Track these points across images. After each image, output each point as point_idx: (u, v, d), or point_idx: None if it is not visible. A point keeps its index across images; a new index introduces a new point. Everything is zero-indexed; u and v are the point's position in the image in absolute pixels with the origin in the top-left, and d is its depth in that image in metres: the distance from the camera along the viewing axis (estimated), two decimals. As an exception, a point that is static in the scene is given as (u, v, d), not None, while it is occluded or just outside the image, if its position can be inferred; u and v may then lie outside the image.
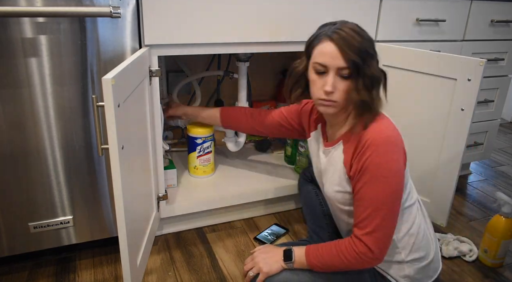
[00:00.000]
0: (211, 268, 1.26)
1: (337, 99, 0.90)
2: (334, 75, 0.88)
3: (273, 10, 1.23)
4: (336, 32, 0.87)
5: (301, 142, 1.56)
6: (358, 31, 0.88)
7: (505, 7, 1.65)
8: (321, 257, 0.95)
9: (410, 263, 0.99)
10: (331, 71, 0.88)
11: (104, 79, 0.78)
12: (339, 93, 0.90)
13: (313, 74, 0.92)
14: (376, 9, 1.38)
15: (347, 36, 0.86)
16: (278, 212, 1.59)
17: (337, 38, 0.87)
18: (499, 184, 1.91)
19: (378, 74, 0.90)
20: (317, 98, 0.93)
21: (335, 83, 0.89)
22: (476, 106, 1.11)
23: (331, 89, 0.88)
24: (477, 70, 1.08)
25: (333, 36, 0.87)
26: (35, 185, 1.11)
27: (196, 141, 1.49)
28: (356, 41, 0.86)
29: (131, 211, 0.95)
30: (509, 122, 2.87)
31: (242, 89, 1.53)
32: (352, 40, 0.86)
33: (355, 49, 0.86)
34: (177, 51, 1.17)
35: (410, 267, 0.98)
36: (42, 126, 1.06)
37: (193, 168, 1.54)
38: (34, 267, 1.24)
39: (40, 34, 0.99)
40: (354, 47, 0.86)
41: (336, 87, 0.89)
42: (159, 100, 1.21)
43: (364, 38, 0.88)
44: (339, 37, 0.87)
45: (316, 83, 0.92)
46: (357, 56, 0.86)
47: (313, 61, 0.92)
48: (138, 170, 1.04)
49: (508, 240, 1.28)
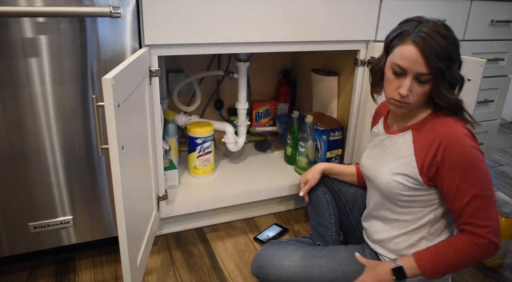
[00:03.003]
0: (211, 268, 1.26)
1: (411, 102, 0.89)
2: (411, 78, 0.87)
3: (273, 10, 1.23)
4: (420, 35, 0.84)
5: (301, 142, 1.56)
6: (443, 33, 0.84)
7: (505, 7, 1.65)
8: (439, 261, 0.89)
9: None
10: (409, 75, 0.87)
11: (104, 79, 0.78)
12: (413, 96, 0.89)
13: (390, 73, 0.91)
14: (376, 9, 1.38)
15: (432, 41, 0.83)
16: (278, 212, 1.59)
17: (420, 42, 0.83)
18: (499, 184, 1.91)
19: (457, 80, 0.89)
20: (390, 98, 0.92)
21: (411, 87, 0.87)
22: (476, 106, 1.11)
23: (406, 92, 0.87)
24: (477, 70, 1.08)
25: (416, 39, 0.84)
26: (35, 185, 1.11)
27: (196, 141, 1.49)
28: (440, 46, 0.83)
29: (131, 211, 0.95)
30: (509, 122, 2.87)
31: (242, 89, 1.53)
32: (436, 45, 0.83)
33: (438, 55, 0.83)
34: (177, 51, 1.17)
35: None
36: (42, 126, 1.07)
37: (193, 168, 1.54)
38: (34, 267, 1.24)
39: (40, 34, 0.99)
40: (437, 53, 0.83)
41: (411, 90, 0.88)
42: (159, 100, 1.21)
43: (449, 42, 0.84)
44: (422, 41, 0.83)
45: (392, 83, 0.90)
46: (440, 62, 0.83)
47: (392, 60, 0.89)
48: (138, 170, 1.04)
49: (508, 240, 1.28)
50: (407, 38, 0.86)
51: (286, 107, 1.98)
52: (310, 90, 1.82)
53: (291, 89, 1.96)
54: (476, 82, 1.09)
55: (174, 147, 1.55)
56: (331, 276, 1.02)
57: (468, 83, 1.11)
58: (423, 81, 0.87)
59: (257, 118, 1.94)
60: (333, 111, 1.67)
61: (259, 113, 1.93)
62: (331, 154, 1.60)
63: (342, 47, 1.38)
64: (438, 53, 0.83)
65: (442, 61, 0.83)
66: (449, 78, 0.86)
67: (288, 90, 1.96)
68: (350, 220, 1.24)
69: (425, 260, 0.90)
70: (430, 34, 0.83)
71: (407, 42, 0.86)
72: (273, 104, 1.96)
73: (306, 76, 1.87)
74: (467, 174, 0.85)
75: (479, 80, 1.08)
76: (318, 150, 1.61)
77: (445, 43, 0.83)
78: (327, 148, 1.58)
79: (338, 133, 1.57)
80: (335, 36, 1.34)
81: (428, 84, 0.87)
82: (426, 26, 0.85)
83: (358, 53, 1.43)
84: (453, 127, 0.88)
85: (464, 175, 0.85)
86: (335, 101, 1.65)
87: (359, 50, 1.42)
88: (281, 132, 1.88)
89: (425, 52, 0.83)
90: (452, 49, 0.85)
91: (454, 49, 0.85)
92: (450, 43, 0.84)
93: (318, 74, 1.69)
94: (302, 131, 1.56)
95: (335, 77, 1.61)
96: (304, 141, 1.55)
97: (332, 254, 1.06)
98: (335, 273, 1.02)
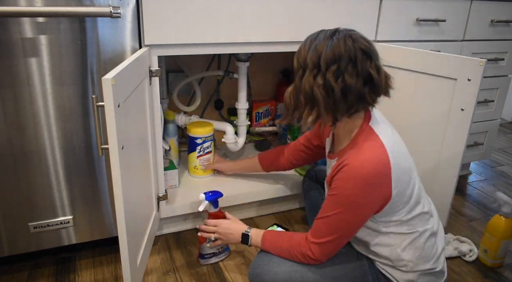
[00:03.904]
0: (211, 268, 1.26)
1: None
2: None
3: (273, 10, 1.23)
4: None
5: (301, 142, 1.56)
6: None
7: (505, 7, 1.65)
8: (274, 247, 1.01)
9: (415, 272, 0.98)
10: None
11: (104, 79, 0.78)
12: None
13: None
14: (376, 9, 1.38)
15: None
16: (278, 212, 1.59)
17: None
18: (499, 184, 1.91)
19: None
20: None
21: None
22: (476, 106, 1.11)
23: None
24: (477, 70, 1.08)
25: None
26: (35, 185, 1.11)
27: (196, 141, 1.49)
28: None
29: (131, 211, 0.95)
30: (509, 122, 2.87)
31: (242, 89, 1.53)
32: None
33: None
34: (177, 51, 1.17)
35: (415, 274, 0.98)
36: (42, 126, 1.07)
37: (193, 168, 1.54)
38: (34, 267, 1.24)
39: (40, 34, 0.99)
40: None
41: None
42: (159, 100, 1.21)
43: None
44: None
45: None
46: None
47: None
48: (138, 170, 1.04)
49: (508, 240, 1.28)
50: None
51: (286, 107, 1.97)
52: (310, 90, 1.81)
53: (291, 89, 1.96)
54: (476, 82, 1.09)
55: (174, 147, 1.55)
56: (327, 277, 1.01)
57: (468, 83, 1.11)
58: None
59: (257, 118, 1.94)
60: (333, 111, 1.67)
61: (259, 113, 1.93)
62: (331, 154, 1.59)
63: (342, 47, 1.38)
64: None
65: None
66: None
67: (288, 90, 1.95)
68: None
69: (268, 242, 1.03)
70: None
71: None
72: (273, 104, 1.96)
73: (306, 76, 1.87)
74: (335, 203, 0.92)
75: (479, 80, 1.08)
76: (318, 150, 1.61)
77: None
78: (327, 148, 1.58)
79: (338, 133, 1.57)
80: (335, 36, 1.34)
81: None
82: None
83: (358, 53, 1.43)
84: (356, 158, 0.91)
85: (333, 201, 0.92)
86: (335, 101, 1.65)
87: (359, 50, 1.42)
88: (281, 132, 1.88)
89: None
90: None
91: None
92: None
93: (318, 74, 1.68)
94: (302, 131, 1.56)
95: (335, 77, 1.61)
96: (304, 141, 1.55)
97: None
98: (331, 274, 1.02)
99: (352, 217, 0.90)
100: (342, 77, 0.84)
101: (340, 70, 0.84)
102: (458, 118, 1.16)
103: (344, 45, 0.84)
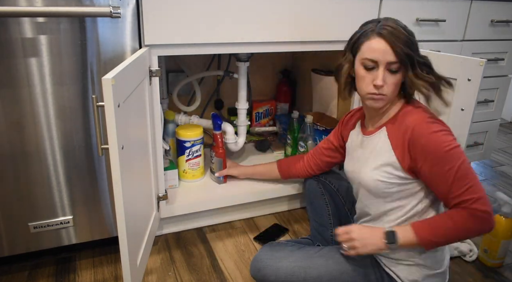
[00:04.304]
0: (211, 268, 1.26)
1: (387, 93, 0.93)
2: (383, 69, 0.92)
3: (273, 10, 1.23)
4: (384, 28, 0.90)
5: (301, 142, 1.56)
6: (402, 25, 0.93)
7: (505, 7, 1.65)
8: (436, 231, 0.91)
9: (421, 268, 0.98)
10: (381, 66, 0.92)
11: (104, 79, 0.78)
12: (388, 87, 0.93)
13: (361, 70, 0.95)
14: (376, 9, 1.37)
15: (395, 31, 0.90)
16: (278, 212, 1.59)
17: (386, 33, 0.90)
18: (499, 184, 1.91)
19: (427, 60, 0.95)
20: (367, 93, 0.95)
21: (385, 78, 0.92)
22: (476, 106, 1.11)
23: (381, 83, 0.91)
24: (477, 70, 1.08)
25: (382, 32, 0.90)
26: (35, 185, 1.11)
27: (184, 145, 1.48)
28: (403, 34, 0.90)
29: (131, 211, 0.95)
30: (509, 122, 2.87)
31: (242, 89, 1.53)
32: (400, 33, 0.90)
33: (403, 42, 0.90)
34: (177, 51, 1.17)
35: (420, 272, 0.98)
36: (42, 126, 1.07)
37: (182, 172, 1.52)
38: (34, 267, 1.24)
39: (40, 34, 0.99)
40: (402, 40, 0.90)
41: (385, 81, 0.92)
42: (159, 100, 1.21)
43: (408, 32, 0.92)
44: (388, 32, 0.90)
45: (365, 79, 0.95)
46: (405, 48, 0.90)
47: (361, 57, 0.94)
48: (138, 170, 1.04)
49: (508, 240, 1.28)
50: (372, 33, 0.92)
51: (286, 107, 1.98)
52: (310, 90, 1.82)
53: (291, 89, 1.97)
54: (476, 82, 1.08)
55: (174, 147, 1.55)
56: (329, 275, 1.02)
57: (468, 83, 1.11)
58: (394, 70, 0.92)
59: (257, 118, 1.94)
60: (333, 111, 1.67)
61: (259, 113, 1.93)
62: (331, 154, 1.59)
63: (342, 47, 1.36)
64: (402, 40, 0.90)
65: (408, 46, 0.90)
66: (421, 61, 0.93)
67: (288, 90, 1.96)
68: (350, 220, 1.24)
69: (423, 228, 0.91)
70: (392, 26, 0.91)
71: (373, 36, 0.92)
72: (273, 104, 1.96)
73: (306, 76, 1.87)
74: (440, 158, 0.89)
75: (479, 80, 1.08)
76: (318, 150, 1.61)
77: (406, 32, 0.92)
78: (327, 148, 1.58)
79: (338, 133, 1.57)
80: (335, 36, 1.34)
81: (399, 73, 0.93)
82: (386, 21, 0.93)
83: (358, 53, 1.43)
84: (414, 117, 0.93)
85: (437, 160, 0.89)
86: (335, 101, 1.65)
87: (359, 50, 1.42)
88: (281, 132, 1.88)
89: (391, 41, 0.90)
90: (413, 38, 0.93)
91: (414, 38, 0.94)
92: (409, 33, 0.93)
93: (318, 74, 1.69)
94: (302, 131, 1.56)
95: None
96: (304, 141, 1.55)
97: (329, 254, 1.06)
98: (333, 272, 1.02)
99: (457, 151, 0.89)
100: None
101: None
102: (458, 118, 1.16)
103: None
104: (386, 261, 1.01)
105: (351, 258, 1.03)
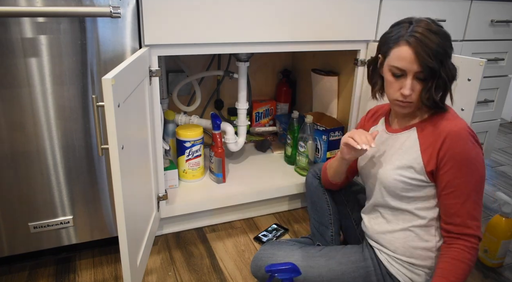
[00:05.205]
0: (211, 268, 1.26)
1: (414, 100, 0.92)
2: (412, 78, 0.89)
3: (273, 10, 1.23)
4: (414, 36, 0.87)
5: (301, 142, 1.56)
6: (435, 30, 0.88)
7: (505, 7, 1.65)
8: (454, 280, 0.89)
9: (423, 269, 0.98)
10: (409, 75, 0.89)
11: (104, 79, 0.78)
12: (416, 95, 0.91)
13: (389, 76, 0.93)
14: (376, 9, 1.37)
15: (425, 39, 0.86)
16: (278, 212, 1.59)
17: (414, 42, 0.86)
18: (499, 184, 1.91)
19: (452, 73, 0.91)
20: (394, 99, 0.94)
21: (413, 86, 0.90)
22: (476, 106, 1.11)
23: (409, 92, 0.90)
24: (477, 70, 1.08)
25: (410, 40, 0.87)
26: (35, 185, 1.11)
27: (184, 145, 1.48)
28: (433, 43, 0.86)
29: (131, 211, 0.95)
30: (509, 122, 2.87)
31: (242, 89, 1.53)
32: (430, 42, 0.86)
33: (432, 53, 0.86)
34: (177, 51, 1.17)
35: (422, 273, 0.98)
36: (42, 126, 1.07)
37: (182, 172, 1.52)
38: (34, 267, 1.24)
39: (40, 34, 0.99)
40: (431, 50, 0.86)
41: (413, 88, 0.90)
42: (159, 100, 1.21)
43: (441, 37, 0.88)
44: (416, 40, 0.86)
45: (393, 85, 0.93)
46: (434, 59, 0.86)
47: (389, 63, 0.92)
48: (138, 170, 1.04)
49: (508, 240, 1.28)
50: (401, 39, 0.89)
51: (286, 107, 1.98)
52: (310, 90, 1.82)
53: (291, 89, 1.97)
54: (476, 82, 1.09)
55: (174, 147, 1.55)
56: (330, 276, 1.02)
57: (468, 83, 1.11)
58: (421, 78, 0.89)
59: (257, 118, 1.94)
60: (333, 111, 1.67)
61: (259, 113, 1.93)
62: (331, 154, 1.60)
63: (342, 47, 1.38)
64: (432, 50, 0.86)
65: (436, 57, 0.86)
66: (443, 75, 0.89)
67: (288, 90, 1.96)
68: (351, 220, 1.24)
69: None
70: (423, 33, 0.87)
71: (402, 44, 0.89)
72: (273, 104, 1.96)
73: (306, 76, 1.87)
74: (467, 172, 0.88)
75: (479, 80, 1.08)
76: (318, 150, 1.61)
77: (438, 40, 0.87)
78: (327, 148, 1.58)
79: (338, 133, 1.57)
80: (335, 36, 1.34)
81: (427, 82, 0.90)
82: (418, 25, 0.88)
83: (358, 53, 1.43)
84: (456, 123, 0.91)
85: (464, 172, 0.88)
86: (335, 101, 1.65)
87: (359, 50, 1.42)
88: (281, 132, 1.88)
89: (419, 51, 0.86)
90: (446, 44, 0.89)
91: (446, 44, 0.89)
92: (442, 38, 0.88)
93: (318, 74, 1.69)
94: (302, 131, 1.56)
95: (335, 77, 1.61)
96: (304, 141, 1.55)
97: (331, 254, 1.06)
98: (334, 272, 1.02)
99: (483, 173, 0.90)
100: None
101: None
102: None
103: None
104: (388, 262, 1.01)
105: (353, 260, 1.03)
